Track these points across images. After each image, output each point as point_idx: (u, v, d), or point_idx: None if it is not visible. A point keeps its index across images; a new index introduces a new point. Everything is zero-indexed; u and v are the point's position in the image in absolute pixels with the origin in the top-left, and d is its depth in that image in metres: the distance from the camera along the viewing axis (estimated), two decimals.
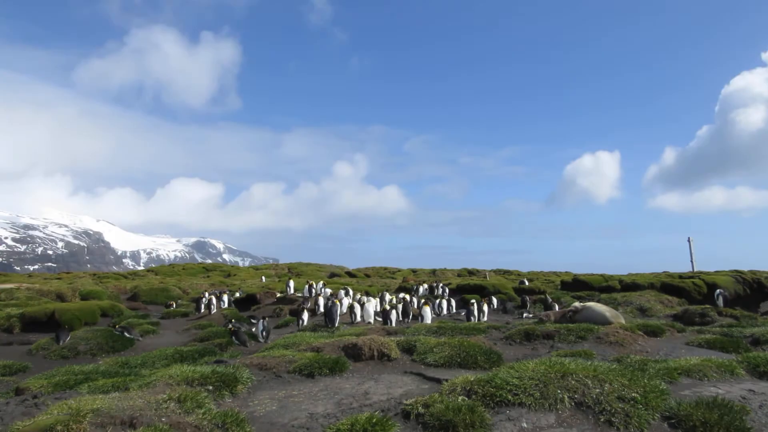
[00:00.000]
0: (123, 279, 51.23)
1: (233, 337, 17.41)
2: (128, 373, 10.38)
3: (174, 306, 31.00)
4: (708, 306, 25.18)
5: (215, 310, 27.29)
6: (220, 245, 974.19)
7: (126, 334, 18.34)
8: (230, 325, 19.47)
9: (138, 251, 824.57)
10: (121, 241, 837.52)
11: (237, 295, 33.98)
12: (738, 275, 34.98)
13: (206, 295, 29.90)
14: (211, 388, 7.09)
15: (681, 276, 36.68)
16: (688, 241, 52.20)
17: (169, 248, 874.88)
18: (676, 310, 26.27)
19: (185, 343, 17.85)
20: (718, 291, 29.64)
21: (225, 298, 30.46)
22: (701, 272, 38.75)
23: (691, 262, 50.54)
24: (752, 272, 37.72)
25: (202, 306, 28.14)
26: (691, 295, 31.72)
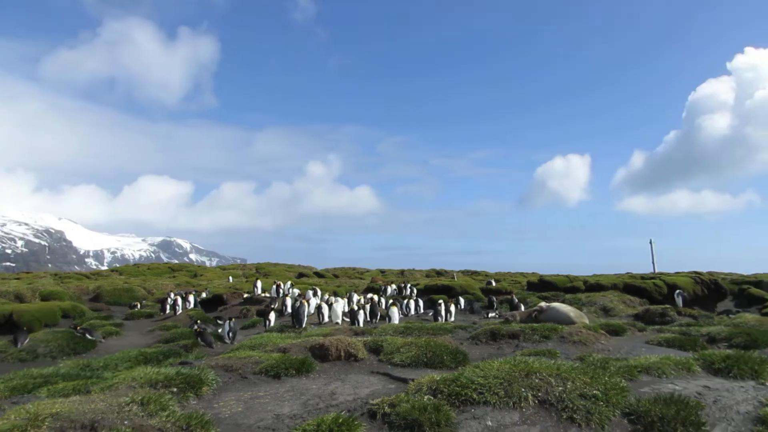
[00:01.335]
0: (85, 279, 50.08)
1: (199, 339, 17.23)
2: (90, 376, 10.17)
3: (138, 307, 30.45)
4: (668, 306, 25.87)
5: (181, 311, 26.93)
6: (186, 245, 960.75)
7: (88, 335, 17.96)
8: (196, 326, 19.26)
9: (102, 251, 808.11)
10: (84, 240, 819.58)
11: (203, 295, 33.56)
12: (697, 276, 35.99)
13: (172, 295, 29.48)
14: (175, 390, 7.01)
15: (643, 277, 37.58)
16: (650, 243, 53.46)
17: (135, 248, 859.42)
18: (637, 309, 26.92)
19: (150, 344, 17.58)
20: (677, 291, 30.46)
21: (191, 298, 30.06)
22: (662, 273, 39.71)
23: (653, 263, 51.78)
24: (710, 273, 38.87)
25: (168, 307, 27.73)
26: (652, 296, 32.51)
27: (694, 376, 8.22)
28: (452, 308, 25.83)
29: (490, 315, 26.26)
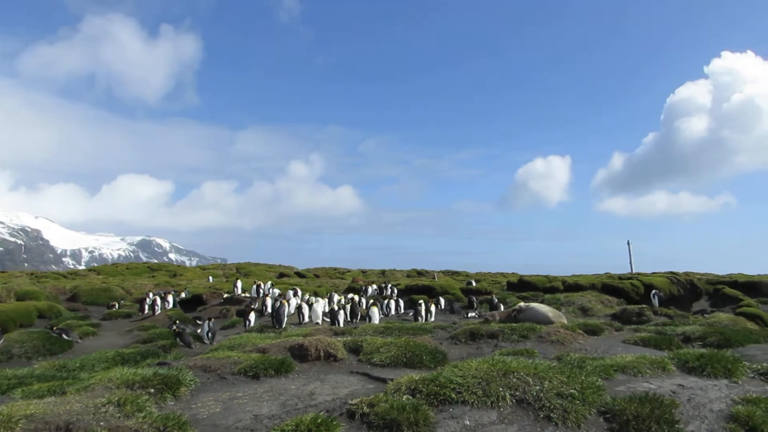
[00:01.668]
0: (62, 279, 49.40)
1: (178, 339, 17.08)
2: (66, 377, 10.04)
3: (116, 307, 30.12)
4: (645, 306, 26.22)
5: (160, 311, 26.67)
6: (166, 244, 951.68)
7: (64, 336, 17.70)
8: (175, 327, 19.10)
9: (79, 250, 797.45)
10: (61, 239, 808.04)
11: (183, 295, 33.25)
12: (673, 276, 36.51)
13: (150, 295, 29.19)
14: (152, 391, 6.95)
15: (620, 277, 38.04)
16: (628, 243, 54.19)
17: (113, 247, 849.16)
18: (615, 309, 27.24)
19: (127, 345, 17.39)
20: (653, 291, 30.89)
21: (170, 298, 29.78)
22: (639, 274, 40.24)
23: (630, 263, 52.47)
24: (686, 274, 39.47)
25: (146, 307, 27.45)
26: (629, 296, 32.93)
27: (669, 374, 8.35)
28: (432, 308, 25.92)
29: (470, 315, 26.40)
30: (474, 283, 42.47)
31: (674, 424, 6.02)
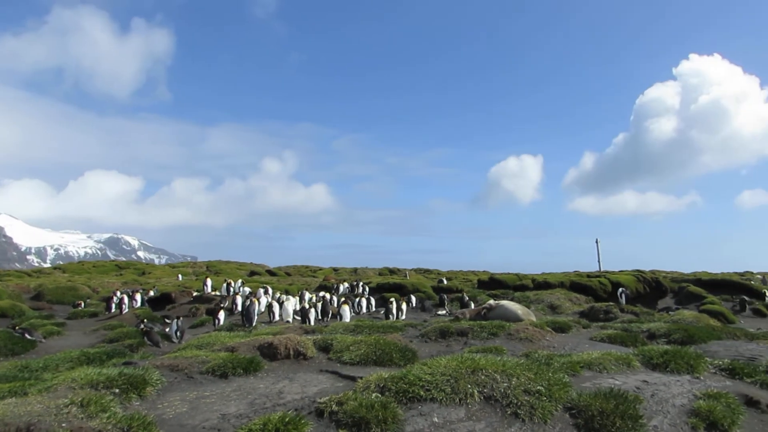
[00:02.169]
0: (26, 277, 48.25)
1: (145, 338, 16.84)
2: (28, 378, 9.81)
3: (82, 306, 29.50)
4: (612, 303, 26.74)
5: (127, 310, 26.28)
6: (134, 242, 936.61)
7: (27, 335, 17.30)
8: (142, 326, 18.83)
9: (44, 247, 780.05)
10: (25, 236, 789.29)
11: (151, 294, 32.78)
12: (639, 274, 37.24)
13: (118, 294, 28.74)
14: (117, 391, 6.82)
15: (589, 275, 38.68)
16: (596, 242, 55.12)
17: (79, 245, 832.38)
18: (583, 307, 27.67)
19: (93, 344, 17.07)
20: (620, 289, 31.49)
21: (138, 297, 29.37)
22: (607, 272, 40.98)
23: (598, 262, 53.37)
24: (652, 272, 40.28)
25: (113, 305, 27.01)
26: (597, 293, 33.49)
27: (634, 371, 8.51)
28: (404, 306, 26.02)
29: (440, 313, 26.56)
30: (445, 281, 42.75)
31: (638, 419, 6.14)
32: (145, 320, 21.09)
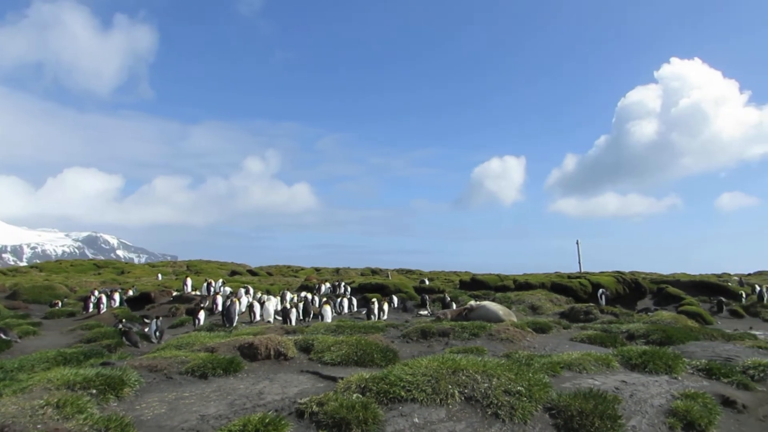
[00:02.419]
0: (2, 276, 47.48)
1: (124, 338, 16.64)
2: (2, 378, 9.61)
3: (60, 305, 29.06)
4: (592, 304, 27.01)
5: (105, 310, 25.96)
6: (114, 241, 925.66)
7: (2, 335, 17.00)
8: (121, 325, 18.61)
9: (20, 246, 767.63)
10: (1, 234, 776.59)
11: (130, 293, 32.41)
12: (619, 276, 37.67)
13: (96, 293, 28.38)
14: (94, 391, 6.72)
15: (569, 276, 39.03)
16: (577, 243, 55.63)
17: (57, 243, 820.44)
18: (563, 308, 27.90)
19: (70, 344, 16.82)
20: (601, 290, 31.82)
21: (116, 296, 29.02)
22: (587, 273, 41.38)
23: (579, 263, 53.85)
24: (632, 273, 40.77)
25: (91, 305, 26.66)
26: (577, 294, 33.80)
27: (613, 371, 8.58)
28: (385, 307, 26.04)
29: (422, 313, 26.63)
30: (427, 282, 42.85)
31: (617, 419, 6.19)
32: (124, 320, 20.84)
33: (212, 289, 30.91)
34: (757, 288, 38.46)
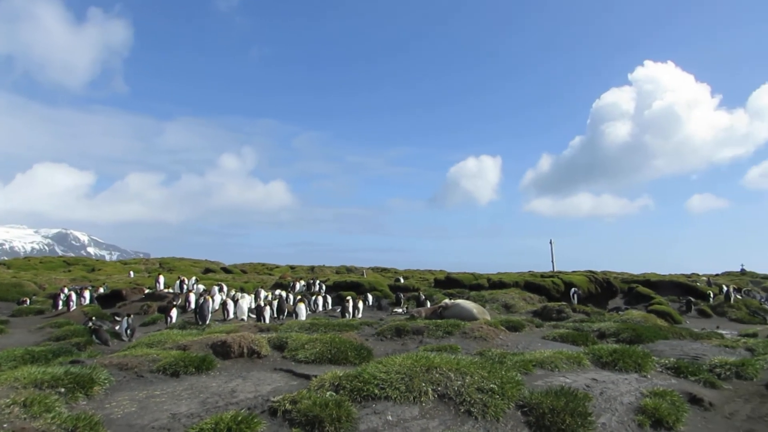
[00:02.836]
0: None
1: (94, 336, 16.37)
2: None
3: (28, 303, 28.45)
4: (564, 303, 27.33)
5: (75, 307, 25.49)
6: (84, 238, 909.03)
7: None
8: (91, 323, 18.30)
9: None
10: None
11: (101, 291, 31.86)
12: (591, 275, 38.20)
13: (65, 290, 27.84)
14: (63, 390, 6.60)
15: (543, 275, 39.44)
16: (550, 243, 56.30)
17: (26, 240, 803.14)
18: (536, 306, 28.18)
19: (39, 342, 16.47)
20: (573, 289, 32.24)
21: (87, 294, 28.50)
22: (560, 272, 41.86)
23: (552, 262, 54.50)
24: (604, 272, 41.38)
25: (60, 303, 26.16)
26: (550, 293, 34.18)
27: (584, 369, 8.70)
28: (360, 305, 26.06)
29: (397, 311, 26.68)
30: (402, 280, 42.96)
31: (587, 417, 6.27)
32: (94, 318, 20.51)
33: (185, 286, 30.58)
34: (725, 288, 39.33)
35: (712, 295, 38.23)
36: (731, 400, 8.08)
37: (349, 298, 26.63)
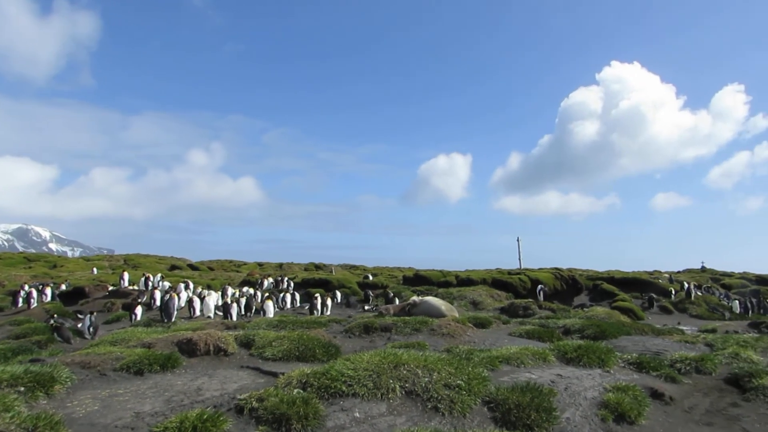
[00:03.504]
0: None
1: (55, 334, 16.00)
2: None
3: None
4: (531, 300, 27.74)
5: (36, 305, 24.87)
6: (46, 233, 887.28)
7: None
8: (52, 321, 17.88)
9: None
10: None
11: (63, 288, 31.14)
12: (557, 272, 38.81)
13: (26, 287, 27.14)
14: (22, 389, 6.43)
15: (510, 272, 39.90)
16: (517, 240, 57.05)
17: None
18: (503, 303, 28.51)
19: None
20: (539, 286, 32.74)
21: (48, 291, 27.84)
22: (527, 269, 42.42)
23: (519, 259, 55.20)
24: (569, 270, 42.04)
25: (20, 300, 25.50)
26: (517, 290, 34.63)
27: (550, 365, 8.83)
28: (329, 302, 26.03)
29: (365, 308, 26.71)
30: (371, 277, 43.00)
31: (551, 412, 6.37)
32: (56, 315, 20.04)
33: (150, 283, 30.09)
34: (686, 285, 40.41)
35: (673, 292, 39.25)
36: (691, 394, 8.29)
37: (317, 295, 26.58)
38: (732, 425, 7.15)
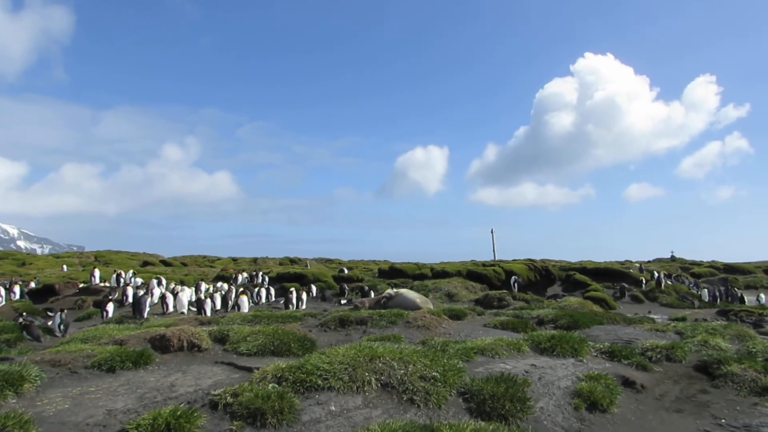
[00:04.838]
0: None
1: (24, 332, 15.67)
2: None
3: None
4: (505, 291, 27.99)
5: (4, 303, 24.37)
6: (13, 231, 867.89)
7: None
8: (21, 319, 17.50)
9: None
10: None
11: (32, 285, 30.52)
12: (531, 263, 39.24)
13: None
14: None
15: (484, 264, 40.25)
16: (491, 232, 57.50)
17: None
18: (478, 295, 28.73)
19: None
20: (513, 278, 33.05)
21: (17, 289, 27.26)
22: (501, 261, 42.82)
23: (493, 251, 55.64)
24: (543, 261, 42.53)
25: None
26: (491, 282, 34.91)
27: (524, 355, 8.93)
28: (304, 296, 25.98)
29: (341, 302, 26.70)
30: (346, 271, 42.96)
31: (526, 402, 6.44)
32: (25, 313, 19.62)
33: (122, 280, 29.67)
34: (656, 274, 41.20)
35: (644, 281, 39.98)
36: (662, 381, 8.47)
37: (292, 289, 26.48)
38: (701, 411, 7.31)
